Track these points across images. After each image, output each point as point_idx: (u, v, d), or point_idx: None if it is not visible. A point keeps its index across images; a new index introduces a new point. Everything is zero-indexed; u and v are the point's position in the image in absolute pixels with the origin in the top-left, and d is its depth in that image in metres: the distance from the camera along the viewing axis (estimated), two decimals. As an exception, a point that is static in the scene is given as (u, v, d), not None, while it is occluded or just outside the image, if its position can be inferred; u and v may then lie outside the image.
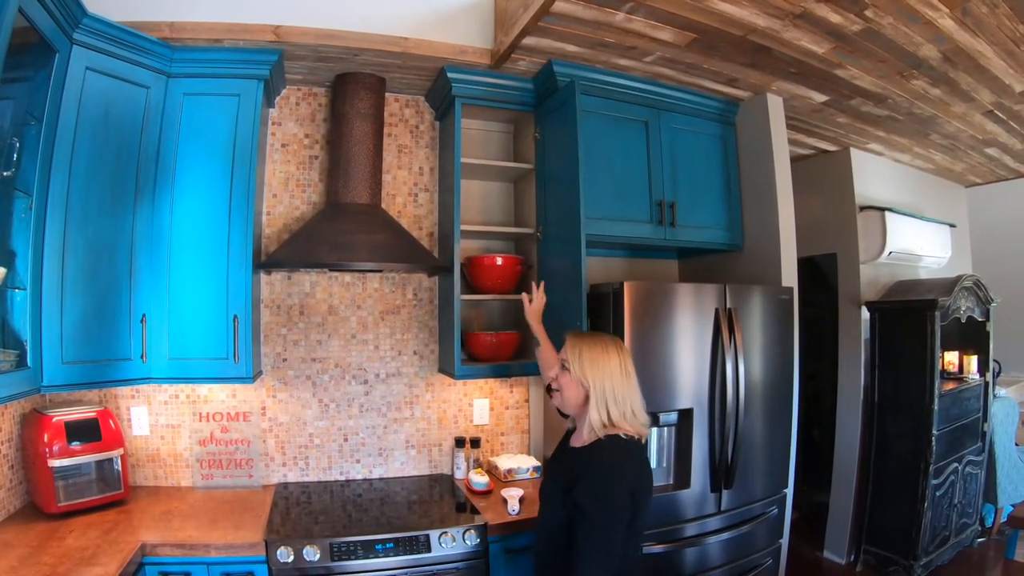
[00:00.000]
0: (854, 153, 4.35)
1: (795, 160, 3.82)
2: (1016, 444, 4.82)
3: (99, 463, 2.55)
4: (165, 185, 2.57)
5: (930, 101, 3.41)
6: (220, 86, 2.64)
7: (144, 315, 2.51)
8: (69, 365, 2.27)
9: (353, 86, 2.92)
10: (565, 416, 2.16)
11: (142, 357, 2.50)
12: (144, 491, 2.82)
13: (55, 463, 2.39)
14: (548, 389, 2.09)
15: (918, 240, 4.58)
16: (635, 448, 1.94)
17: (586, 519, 1.77)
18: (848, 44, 2.71)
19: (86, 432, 2.51)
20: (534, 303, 2.69)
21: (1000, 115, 3.69)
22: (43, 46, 2.10)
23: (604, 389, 1.93)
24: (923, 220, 4.69)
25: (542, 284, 2.74)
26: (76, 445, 2.46)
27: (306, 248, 2.70)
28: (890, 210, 4.30)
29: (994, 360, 4.61)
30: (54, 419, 2.44)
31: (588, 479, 1.83)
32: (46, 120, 2.15)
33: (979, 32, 2.63)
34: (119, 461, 2.60)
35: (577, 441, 2.02)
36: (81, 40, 2.25)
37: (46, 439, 2.40)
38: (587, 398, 1.94)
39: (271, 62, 2.67)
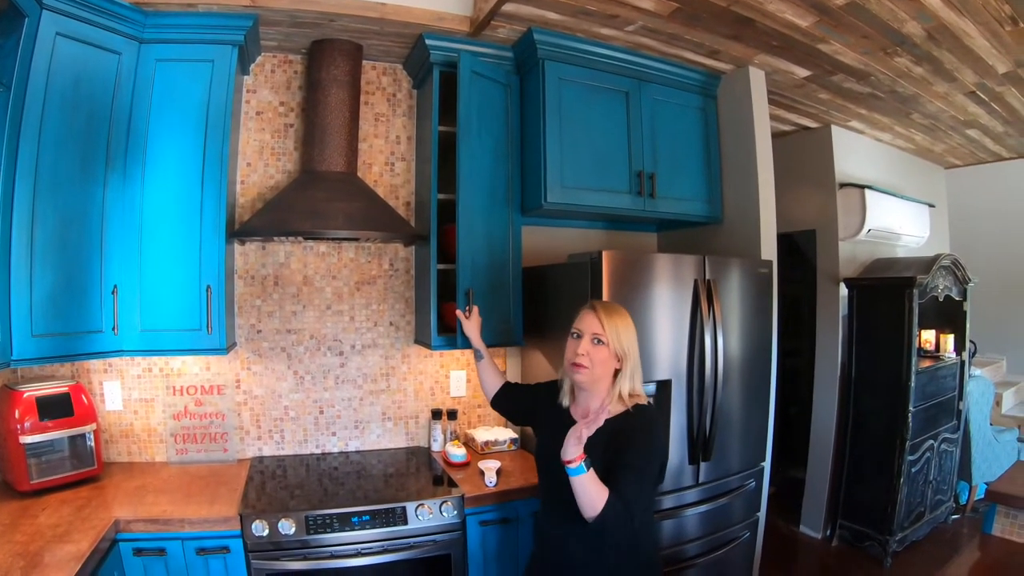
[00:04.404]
0: (835, 130, 4.36)
1: (776, 136, 3.81)
2: (991, 424, 4.90)
3: (72, 439, 2.51)
4: (137, 153, 2.50)
5: (913, 79, 3.41)
6: (194, 52, 2.57)
7: (115, 286, 2.45)
8: (39, 338, 2.21)
9: (329, 53, 2.86)
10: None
11: (113, 329, 2.45)
12: (118, 467, 2.78)
13: (27, 439, 2.34)
14: (576, 365, 1.91)
15: (897, 218, 4.61)
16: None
17: (633, 470, 1.75)
18: (832, 18, 2.70)
19: (58, 407, 2.47)
20: (471, 318, 2.61)
21: (982, 96, 3.70)
22: (12, 11, 2.04)
23: (636, 360, 1.93)
24: (903, 199, 4.72)
25: (475, 307, 2.67)
26: (48, 421, 2.41)
27: (281, 216, 2.65)
28: (870, 188, 4.31)
29: (970, 340, 4.66)
30: (25, 395, 2.40)
31: (634, 444, 1.80)
32: (14, 87, 2.09)
33: (964, 11, 2.62)
34: (92, 437, 2.55)
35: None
36: (51, 5, 2.17)
37: (17, 415, 2.35)
38: (616, 371, 1.92)
39: (246, 27, 2.60)
